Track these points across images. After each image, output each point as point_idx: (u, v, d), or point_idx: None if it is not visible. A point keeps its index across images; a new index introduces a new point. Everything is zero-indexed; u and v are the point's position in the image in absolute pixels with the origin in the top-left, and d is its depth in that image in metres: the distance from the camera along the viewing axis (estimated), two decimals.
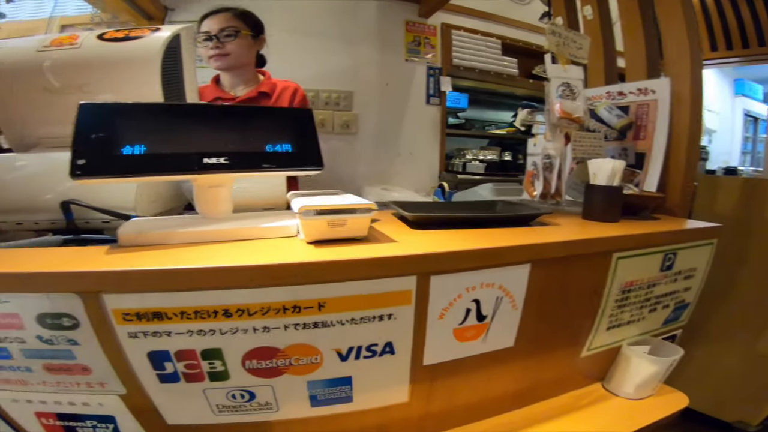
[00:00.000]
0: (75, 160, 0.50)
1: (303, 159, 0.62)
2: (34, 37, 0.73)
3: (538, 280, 0.64)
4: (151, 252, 0.52)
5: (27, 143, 0.75)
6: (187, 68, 0.79)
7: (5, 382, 0.51)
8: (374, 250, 0.54)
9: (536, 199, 1.01)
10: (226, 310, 0.48)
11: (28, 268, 0.45)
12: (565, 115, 0.97)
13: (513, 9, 2.81)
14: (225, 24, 1.23)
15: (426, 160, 2.55)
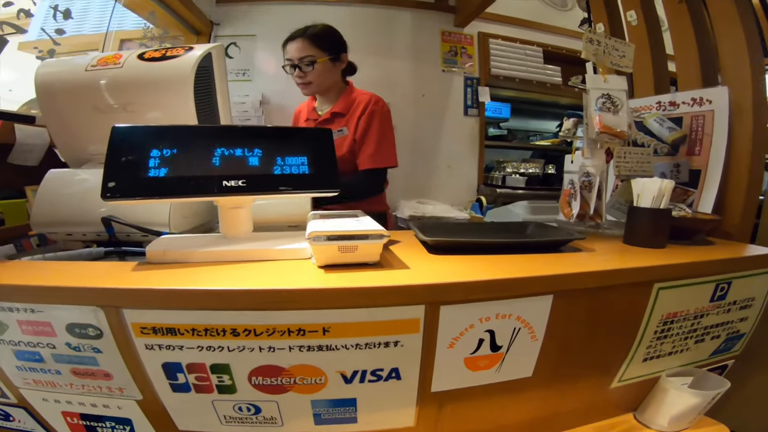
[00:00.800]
0: (106, 183, 0.56)
1: (320, 181, 0.65)
2: (83, 57, 0.82)
3: (562, 311, 0.61)
4: (173, 270, 0.57)
5: (80, 159, 0.85)
6: (219, 85, 0.86)
7: (36, 383, 0.58)
8: (382, 277, 0.55)
9: (572, 220, 0.96)
10: (234, 330, 0.52)
11: (61, 282, 0.51)
12: (606, 130, 0.92)
13: (554, 16, 2.76)
14: (303, 53, 1.29)
15: (464, 173, 2.53)
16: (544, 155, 2.78)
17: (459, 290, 0.54)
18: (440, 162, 2.50)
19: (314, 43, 1.30)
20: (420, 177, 2.47)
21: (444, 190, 2.48)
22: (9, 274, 0.54)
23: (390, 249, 0.70)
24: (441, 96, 2.49)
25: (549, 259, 0.66)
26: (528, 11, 2.69)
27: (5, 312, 0.53)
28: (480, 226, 0.99)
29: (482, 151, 2.55)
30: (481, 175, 2.55)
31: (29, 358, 0.56)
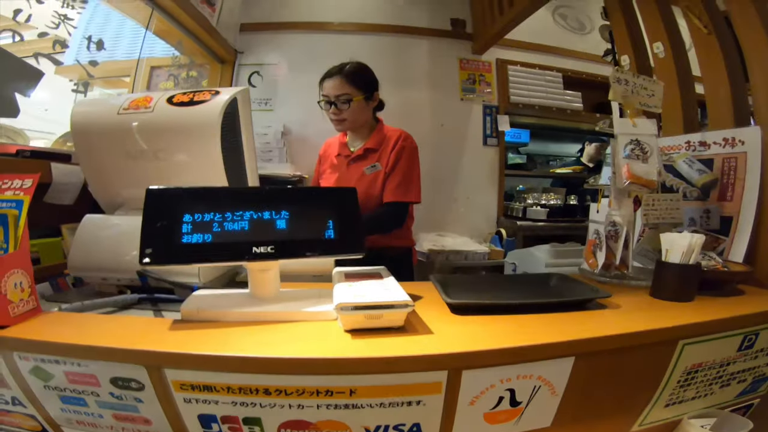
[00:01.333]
0: (143, 249, 0.61)
1: (345, 245, 0.69)
2: (116, 98, 0.86)
3: (583, 369, 0.63)
4: (207, 330, 0.61)
5: (113, 203, 0.91)
6: (244, 128, 0.91)
7: (80, 423, 0.64)
8: (406, 345, 0.58)
9: (597, 271, 0.97)
10: (266, 389, 0.56)
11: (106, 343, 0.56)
12: (635, 180, 0.90)
13: (573, 39, 2.78)
14: (339, 91, 1.36)
15: (483, 204, 2.55)
16: (565, 183, 2.79)
17: (481, 357, 0.57)
18: (459, 193, 2.53)
19: (350, 81, 1.37)
20: (439, 209, 2.50)
21: (463, 222, 2.50)
22: (56, 331, 0.60)
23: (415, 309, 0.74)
24: (460, 125, 2.53)
25: (572, 319, 0.68)
26: (546, 36, 2.73)
27: (51, 364, 0.58)
28: (502, 280, 1.01)
29: (502, 182, 2.58)
30: (501, 206, 2.56)
31: (73, 402, 0.61)
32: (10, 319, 0.60)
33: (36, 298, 0.66)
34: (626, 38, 1.36)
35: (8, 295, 0.60)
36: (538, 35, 2.70)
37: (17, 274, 0.62)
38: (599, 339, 0.62)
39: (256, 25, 2.42)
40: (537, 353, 0.59)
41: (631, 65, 1.36)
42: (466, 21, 2.59)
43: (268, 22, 2.44)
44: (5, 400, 0.63)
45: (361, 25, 2.50)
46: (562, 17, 2.82)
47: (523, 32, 2.52)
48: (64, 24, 1.35)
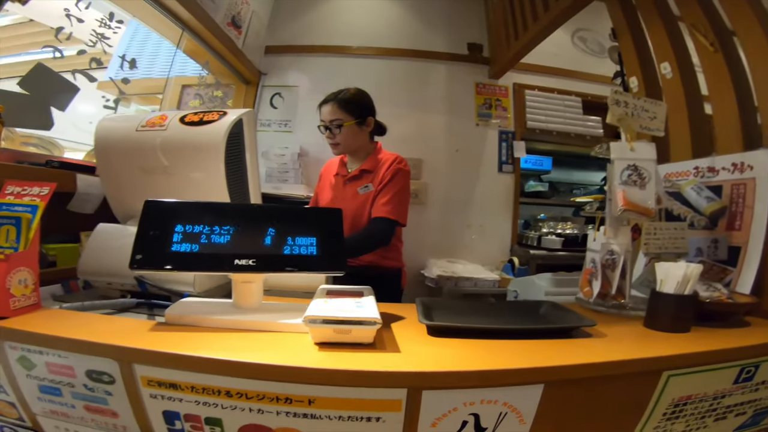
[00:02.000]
0: (134, 255, 0.66)
1: (326, 263, 0.71)
2: (137, 116, 0.93)
3: (554, 398, 0.60)
4: (184, 333, 0.65)
5: (127, 214, 0.98)
6: (248, 148, 0.96)
7: (53, 413, 0.67)
8: (370, 360, 0.58)
9: (592, 300, 0.94)
10: (228, 391, 0.58)
11: (87, 337, 0.60)
12: (630, 207, 0.88)
13: (592, 63, 2.72)
14: (332, 116, 1.45)
15: (497, 232, 2.51)
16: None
17: (440, 378, 0.57)
18: (472, 220, 2.51)
19: (343, 107, 1.45)
20: (451, 235, 2.49)
21: (475, 250, 2.47)
22: (47, 325, 0.64)
23: (391, 327, 0.74)
24: (475, 151, 2.53)
25: (549, 346, 0.66)
26: (565, 59, 2.69)
27: (36, 354, 0.63)
28: (492, 306, 0.99)
29: (516, 210, 2.54)
30: (515, 234, 2.52)
31: (50, 392, 0.65)
32: (10, 312, 0.65)
33: (38, 296, 0.72)
34: (634, 59, 1.35)
35: (12, 289, 0.65)
36: (557, 59, 2.67)
37: (23, 271, 0.68)
38: (569, 367, 0.59)
39: (280, 47, 2.56)
40: (501, 378, 0.58)
41: (640, 87, 1.34)
42: (483, 45, 2.62)
43: (292, 45, 2.58)
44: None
45: (380, 50, 2.59)
46: (581, 40, 2.79)
47: (540, 56, 2.50)
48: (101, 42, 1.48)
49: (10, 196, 0.70)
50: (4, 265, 0.64)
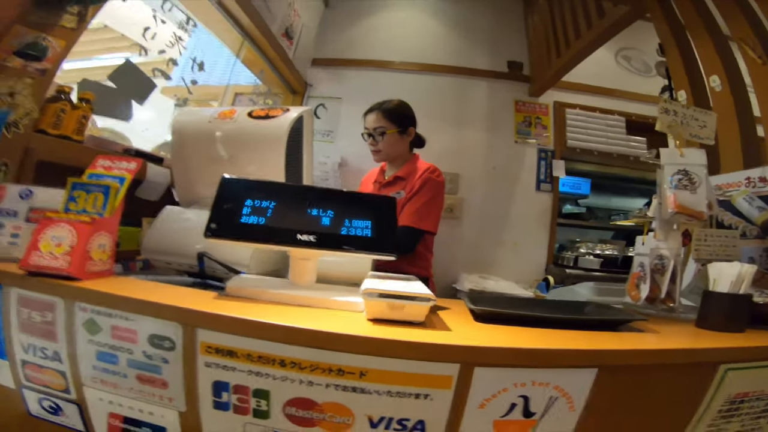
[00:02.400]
0: (210, 223, 0.72)
1: (380, 245, 0.75)
2: (209, 109, 1.02)
3: (606, 385, 0.59)
4: (243, 303, 0.68)
5: (191, 199, 1.04)
6: (306, 144, 1.02)
7: (101, 382, 0.69)
8: (422, 334, 0.60)
9: (640, 303, 0.92)
10: (282, 360, 0.59)
11: (154, 299, 0.64)
12: (681, 210, 0.88)
13: (637, 82, 2.67)
14: (376, 124, 1.54)
15: (532, 251, 2.46)
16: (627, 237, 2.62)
17: (494, 354, 0.57)
18: (507, 237, 2.48)
19: (386, 116, 1.53)
20: (484, 251, 2.46)
21: (509, 267, 2.42)
22: (119, 287, 0.69)
23: (438, 314, 0.75)
24: (512, 168, 2.52)
25: (599, 336, 0.65)
26: (608, 78, 2.65)
27: (104, 316, 0.66)
28: (535, 302, 0.99)
29: (554, 230, 2.48)
30: (551, 255, 2.46)
31: (108, 360, 0.67)
32: (86, 275, 0.70)
33: (112, 263, 0.77)
34: (682, 73, 1.36)
35: (91, 252, 0.70)
36: (599, 78, 2.65)
37: (104, 236, 0.73)
38: (625, 352, 0.59)
39: (325, 60, 2.69)
40: (555, 358, 0.58)
41: (689, 100, 1.34)
42: (523, 63, 2.64)
43: (337, 58, 2.69)
44: (45, 355, 0.70)
45: (422, 65, 2.66)
46: (625, 59, 2.75)
47: (582, 75, 2.50)
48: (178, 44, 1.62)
49: (100, 168, 0.77)
50: (89, 227, 0.69)
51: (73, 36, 0.97)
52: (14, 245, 0.77)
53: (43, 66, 0.92)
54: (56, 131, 1.00)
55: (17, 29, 0.86)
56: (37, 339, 0.70)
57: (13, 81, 0.87)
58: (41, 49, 0.88)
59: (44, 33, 0.89)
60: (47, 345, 0.70)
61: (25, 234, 0.77)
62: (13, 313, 0.70)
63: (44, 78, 0.93)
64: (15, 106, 0.88)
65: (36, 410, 0.75)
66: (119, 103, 1.36)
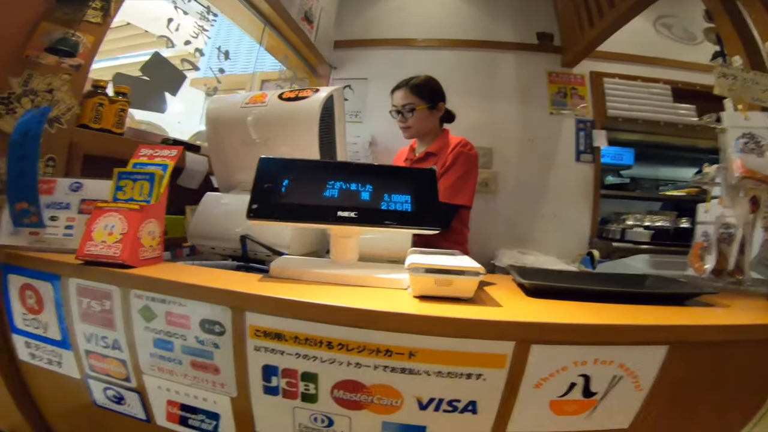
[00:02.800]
0: (251, 205, 0.72)
1: (422, 219, 0.73)
2: (239, 95, 1.03)
3: (678, 365, 0.55)
4: (288, 284, 0.68)
5: (229, 185, 1.06)
6: (338, 123, 1.02)
7: (159, 370, 0.71)
8: (473, 311, 0.57)
9: (705, 276, 0.85)
10: (330, 342, 0.59)
11: (202, 282, 0.65)
12: (749, 174, 0.83)
13: (681, 50, 2.55)
14: (404, 100, 1.52)
15: (573, 224, 2.38)
16: (676, 207, 2.46)
17: (554, 331, 0.54)
18: (546, 211, 2.40)
19: (415, 92, 1.50)
20: (522, 225, 2.40)
21: (549, 241, 2.36)
22: (170, 272, 0.70)
23: (485, 290, 0.72)
24: (549, 140, 2.43)
25: (667, 311, 0.61)
26: (648, 47, 2.54)
27: (158, 303, 0.67)
28: (587, 275, 0.94)
29: (597, 202, 2.38)
30: (594, 228, 2.36)
31: (163, 346, 0.69)
32: (138, 262, 0.72)
33: (162, 249, 0.79)
34: (735, 39, 1.26)
35: (142, 239, 0.72)
36: (639, 47, 2.52)
37: (153, 223, 0.75)
38: (700, 327, 0.54)
39: (347, 42, 2.66)
40: (623, 335, 0.54)
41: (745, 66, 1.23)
42: (553, 34, 2.54)
43: (359, 39, 2.67)
44: (106, 344, 0.72)
45: (445, 41, 2.60)
46: (665, 27, 2.61)
47: (619, 44, 2.40)
48: (202, 34, 1.64)
49: (143, 157, 0.79)
50: (138, 214, 0.71)
51: (100, 31, 0.99)
52: (69, 237, 0.80)
53: (76, 62, 0.94)
54: (97, 125, 1.03)
55: (45, 26, 0.87)
56: (97, 328, 0.72)
57: (50, 78, 0.89)
58: (72, 45, 0.89)
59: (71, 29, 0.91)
60: (107, 334, 0.72)
61: (78, 225, 0.80)
62: (74, 303, 0.73)
63: (79, 73, 0.95)
64: (55, 102, 0.90)
65: (101, 400, 0.78)
66: (153, 96, 1.39)
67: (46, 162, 0.89)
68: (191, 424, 0.72)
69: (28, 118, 0.80)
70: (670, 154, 2.75)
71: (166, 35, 1.50)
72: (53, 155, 0.91)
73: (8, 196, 0.79)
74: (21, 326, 0.80)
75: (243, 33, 2.06)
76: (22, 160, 0.78)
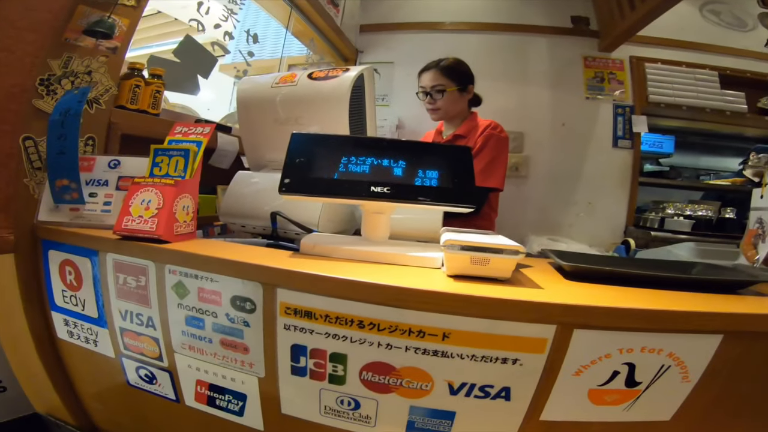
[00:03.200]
0: (283, 179, 0.71)
1: (457, 196, 0.70)
2: (269, 75, 1.03)
3: (731, 355, 0.52)
4: (319, 261, 0.66)
5: (259, 164, 1.07)
6: (368, 102, 1.01)
7: (191, 349, 0.71)
8: (512, 292, 0.54)
9: (758, 265, 0.80)
10: (360, 321, 0.57)
11: (234, 257, 0.65)
12: None
13: (730, 37, 2.42)
14: (434, 82, 1.48)
15: (608, 211, 2.30)
16: (720, 197, 2.32)
17: (600, 315, 0.51)
18: (579, 197, 2.32)
19: (445, 74, 1.47)
20: (554, 212, 2.34)
21: (581, 229, 2.28)
22: (203, 248, 0.71)
23: (522, 271, 0.69)
24: (584, 125, 2.35)
25: (721, 299, 0.57)
26: (694, 33, 2.42)
27: (191, 279, 0.68)
28: (629, 261, 0.89)
29: (635, 189, 2.28)
30: (631, 216, 2.26)
31: (195, 324, 0.69)
32: (173, 237, 0.72)
33: (195, 224, 0.80)
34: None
35: (177, 214, 0.73)
36: (684, 32, 2.39)
37: (187, 198, 0.76)
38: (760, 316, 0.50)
39: (373, 26, 2.63)
40: (676, 322, 0.50)
41: None
42: (589, 18, 2.43)
43: (384, 23, 2.63)
44: (141, 321, 0.74)
45: (473, 24, 2.53)
46: (713, 13, 2.49)
47: (663, 29, 2.29)
48: (231, 18, 1.65)
49: (178, 135, 0.80)
50: (174, 189, 0.72)
51: (135, 14, 1.00)
52: (107, 213, 0.83)
53: (113, 44, 0.95)
54: (134, 106, 1.04)
55: (82, 9, 0.88)
56: (133, 305, 0.74)
57: (88, 60, 0.91)
58: (109, 26, 0.90)
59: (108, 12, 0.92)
60: (142, 311, 0.73)
61: (116, 201, 0.82)
62: (111, 279, 0.75)
63: (116, 56, 0.97)
64: (94, 84, 0.92)
65: (134, 380, 0.80)
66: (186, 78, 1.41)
67: (86, 141, 0.92)
68: (218, 404, 0.73)
69: (68, 98, 0.82)
70: (713, 142, 2.61)
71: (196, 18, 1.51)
72: (92, 135, 0.93)
73: (49, 173, 0.81)
74: (60, 303, 0.83)
75: (270, 18, 2.06)
76: (62, 139, 0.80)
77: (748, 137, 2.42)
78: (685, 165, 2.66)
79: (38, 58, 0.82)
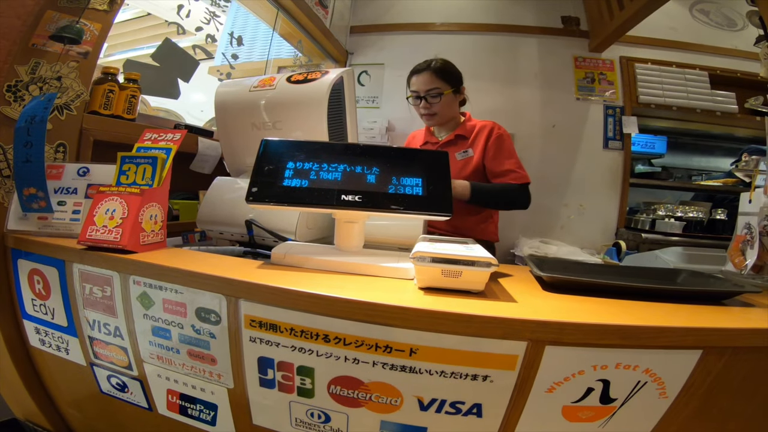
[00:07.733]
0: (251, 188, 0.68)
1: (432, 204, 0.67)
2: (249, 78, 0.99)
3: (710, 372, 0.49)
4: (288, 272, 0.64)
5: (239, 169, 1.04)
6: (348, 105, 0.98)
7: (159, 359, 0.69)
8: (483, 306, 0.51)
9: (745, 272, 0.76)
10: (326, 336, 0.55)
11: (197, 269, 0.62)
12: None
13: (720, 36, 2.39)
14: (429, 85, 1.38)
15: (599, 213, 2.26)
16: (710, 198, 2.29)
17: (573, 331, 0.48)
18: (570, 199, 2.28)
19: (440, 76, 1.38)
20: (545, 214, 2.29)
21: (573, 231, 2.24)
22: (168, 259, 0.68)
23: (499, 281, 0.66)
24: (575, 126, 2.30)
25: (702, 311, 0.53)
26: (684, 32, 2.38)
27: (156, 290, 0.65)
28: (613, 269, 0.85)
29: (625, 190, 2.24)
30: (622, 218, 2.22)
31: (161, 335, 0.67)
32: (139, 247, 0.70)
33: (164, 234, 0.77)
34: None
35: (143, 223, 0.70)
36: (674, 32, 2.36)
37: (155, 207, 0.73)
38: (741, 331, 0.47)
39: (363, 27, 2.59)
40: (652, 337, 0.47)
41: None
42: (579, 18, 2.39)
43: (375, 24, 2.58)
44: (109, 331, 0.72)
45: (464, 25, 2.49)
46: (702, 13, 2.46)
47: (652, 29, 2.25)
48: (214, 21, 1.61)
49: (148, 141, 0.77)
50: (139, 198, 0.69)
51: (107, 18, 0.96)
52: (76, 222, 0.80)
53: (83, 49, 0.92)
54: (107, 111, 1.01)
55: (50, 14, 0.85)
56: (100, 314, 0.72)
57: (58, 65, 0.88)
58: (76, 31, 0.87)
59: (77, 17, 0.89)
60: (109, 321, 0.71)
61: (85, 210, 0.80)
62: (78, 289, 0.72)
63: (87, 61, 0.94)
64: (64, 89, 0.89)
65: (107, 388, 0.78)
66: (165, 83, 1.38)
67: (56, 148, 0.88)
68: (190, 413, 0.71)
69: (34, 105, 0.79)
70: (704, 143, 2.58)
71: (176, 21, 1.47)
72: (63, 141, 0.90)
73: (16, 181, 0.78)
74: (31, 312, 0.81)
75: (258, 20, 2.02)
76: (28, 146, 0.77)
77: (739, 137, 2.40)
78: (676, 165, 2.63)
79: (5, 64, 0.80)
